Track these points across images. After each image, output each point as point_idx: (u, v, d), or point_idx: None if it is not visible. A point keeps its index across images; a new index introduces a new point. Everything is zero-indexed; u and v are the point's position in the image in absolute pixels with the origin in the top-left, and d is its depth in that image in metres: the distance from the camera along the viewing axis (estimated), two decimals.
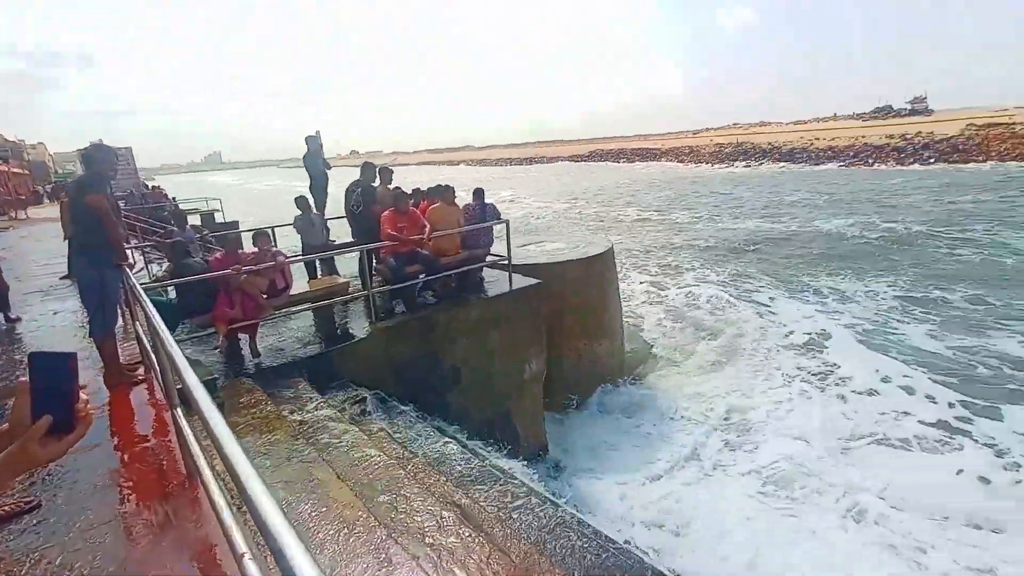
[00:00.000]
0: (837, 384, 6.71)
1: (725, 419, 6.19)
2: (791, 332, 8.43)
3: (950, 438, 5.37)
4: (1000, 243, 12.92)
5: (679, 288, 11.18)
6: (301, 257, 5.57)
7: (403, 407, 4.19)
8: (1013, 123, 36.89)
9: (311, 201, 6.40)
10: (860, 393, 6.42)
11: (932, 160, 36.78)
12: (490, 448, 4.59)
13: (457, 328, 5.11)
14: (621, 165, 61.83)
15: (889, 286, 10.34)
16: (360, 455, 2.96)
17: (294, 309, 4.75)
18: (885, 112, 52.76)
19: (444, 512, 2.51)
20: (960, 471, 4.79)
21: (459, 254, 5.58)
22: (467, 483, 3.12)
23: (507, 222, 5.81)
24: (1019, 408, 5.78)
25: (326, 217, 6.65)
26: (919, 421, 5.69)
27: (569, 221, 22.84)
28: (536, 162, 79.62)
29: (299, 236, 6.08)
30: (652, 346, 8.54)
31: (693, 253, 14.43)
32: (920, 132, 41.40)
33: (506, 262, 5.68)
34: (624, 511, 4.65)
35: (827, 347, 7.79)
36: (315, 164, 7.11)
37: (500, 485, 3.11)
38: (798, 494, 4.71)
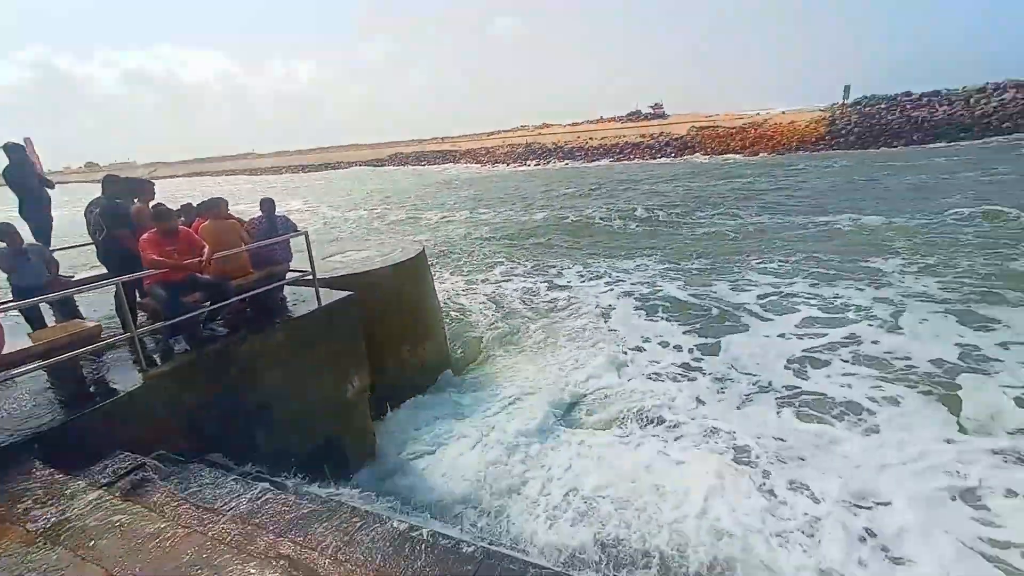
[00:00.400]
0: (619, 343, 7.94)
1: (550, 389, 6.76)
2: (589, 308, 9.60)
3: (687, 373, 6.96)
4: (718, 222, 16.75)
5: (492, 283, 11.78)
6: (9, 304, 4.12)
7: (199, 463, 3.53)
8: (716, 126, 48.15)
9: (25, 229, 4.92)
10: (633, 349, 7.82)
11: (672, 154, 45.94)
12: (317, 480, 4.20)
13: (261, 358, 4.51)
14: (422, 168, 62.41)
15: (652, 260, 12.53)
16: (144, 536, 2.38)
17: (15, 372, 3.59)
18: (636, 116, 63.62)
19: (266, 571, 2.18)
20: (695, 396, 6.34)
21: (251, 274, 4.91)
22: (293, 528, 2.78)
23: (306, 233, 5.33)
24: (727, 339, 7.81)
25: (52, 248, 5.18)
26: (671, 363, 7.24)
27: (375, 228, 22.16)
28: (331, 168, 75.24)
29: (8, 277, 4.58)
30: (480, 339, 8.83)
31: (499, 248, 15.35)
32: (662, 132, 51.07)
33: (311, 277, 5.21)
34: (465, 493, 4.83)
35: (612, 317, 9.10)
36: (24, 181, 5.46)
37: (332, 518, 2.84)
38: (601, 424, 5.98)
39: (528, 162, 52.56)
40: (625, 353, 7.63)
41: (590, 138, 54.00)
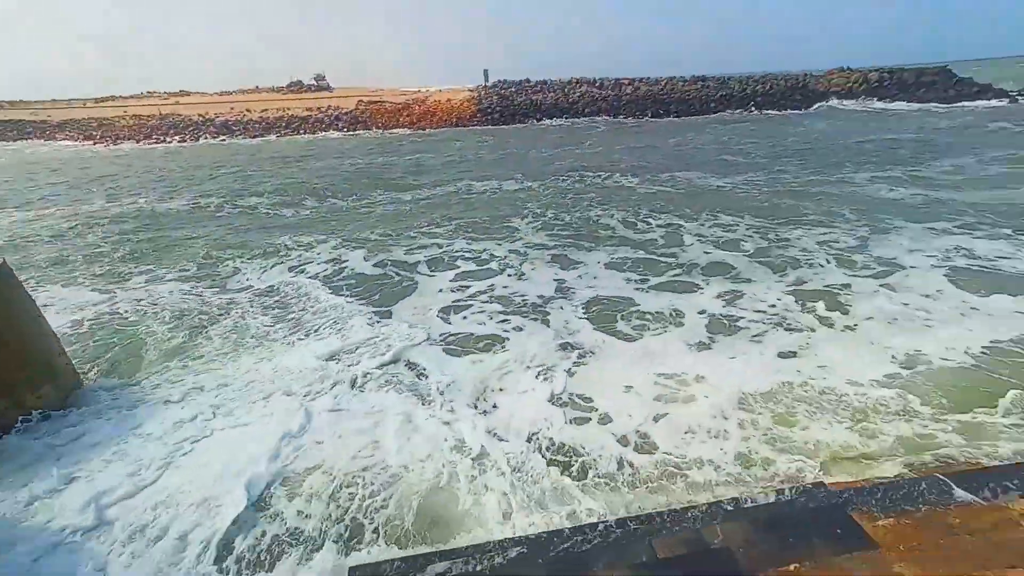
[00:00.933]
0: (310, 330, 7.71)
1: (236, 396, 6.08)
2: (273, 301, 8.89)
3: (369, 339, 7.38)
4: (395, 197, 17.64)
5: (139, 289, 9.46)
6: None
7: None
8: (383, 101, 49.66)
9: None
10: (324, 331, 7.79)
11: (344, 129, 45.15)
12: None
13: None
14: None
15: (335, 240, 12.29)
16: None
17: None
18: (298, 87, 59.43)
19: None
20: (374, 356, 6.85)
21: None
22: None
23: None
24: (401, 303, 8.61)
25: None
26: (360, 336, 7.48)
27: None
28: None
29: None
30: (138, 357, 7.03)
31: (137, 248, 12.29)
32: (330, 106, 49.41)
33: None
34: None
35: (300, 304, 8.70)
36: None
37: None
38: (294, 407, 5.72)
39: (169, 138, 43.07)
40: (316, 337, 7.48)
41: (247, 110, 47.86)
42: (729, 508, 3.29)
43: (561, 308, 8.04)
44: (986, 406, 5.02)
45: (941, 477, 3.38)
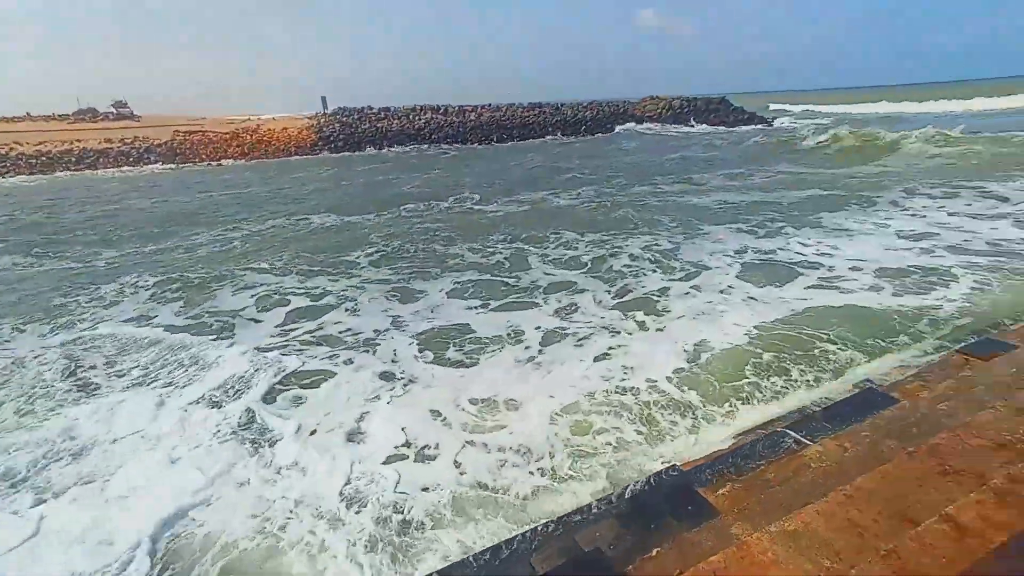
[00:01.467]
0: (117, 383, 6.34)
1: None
2: (60, 358, 7.48)
3: (152, 385, 6.80)
4: (214, 240, 15.59)
5: None
6: None
7: None
8: (205, 131, 44.59)
9: None
10: (118, 375, 6.86)
11: (159, 162, 39.48)
12: None
13: None
14: None
15: (140, 292, 10.40)
16: None
17: None
18: (92, 115, 50.42)
19: None
20: (204, 420, 5.91)
21: None
22: None
23: None
24: (222, 354, 7.65)
25: None
26: (178, 404, 6.43)
27: None
28: None
29: None
30: None
31: None
32: (137, 137, 42.87)
33: None
34: None
35: (107, 353, 7.13)
36: None
37: None
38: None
39: None
40: (123, 398, 6.50)
41: (16, 143, 39.23)
42: (599, 508, 3.38)
43: (393, 339, 7.81)
44: (744, 377, 5.97)
45: (768, 435, 3.92)
